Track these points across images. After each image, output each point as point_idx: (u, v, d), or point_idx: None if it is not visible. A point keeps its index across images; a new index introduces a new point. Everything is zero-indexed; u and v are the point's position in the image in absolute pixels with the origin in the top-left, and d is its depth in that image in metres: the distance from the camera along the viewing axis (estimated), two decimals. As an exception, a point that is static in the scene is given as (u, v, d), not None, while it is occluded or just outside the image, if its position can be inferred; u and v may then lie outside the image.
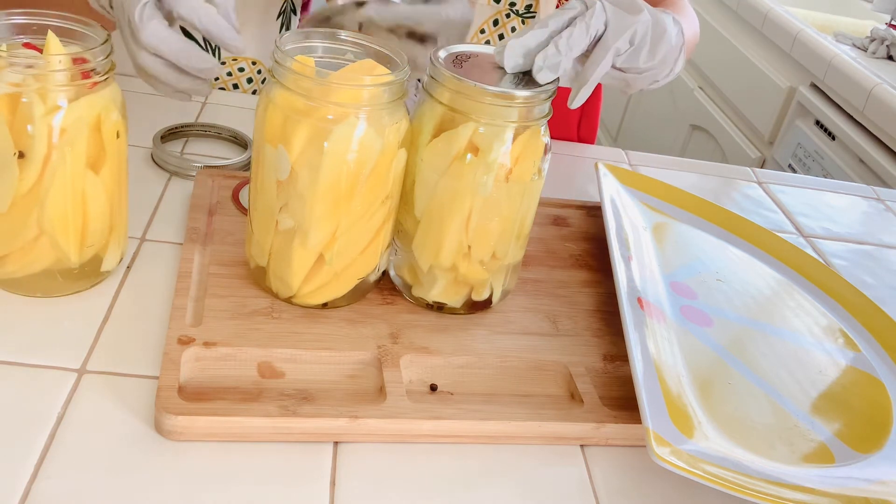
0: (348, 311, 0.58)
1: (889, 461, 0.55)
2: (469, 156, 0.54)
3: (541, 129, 0.56)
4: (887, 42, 1.70)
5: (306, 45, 0.56)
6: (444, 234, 0.57)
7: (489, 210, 0.56)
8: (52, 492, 0.44)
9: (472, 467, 0.50)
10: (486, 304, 0.61)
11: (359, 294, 0.59)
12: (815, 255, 0.83)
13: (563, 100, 0.63)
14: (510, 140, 0.54)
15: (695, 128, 2.09)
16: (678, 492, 0.51)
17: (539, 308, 0.63)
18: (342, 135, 0.51)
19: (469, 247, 0.57)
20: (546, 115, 0.56)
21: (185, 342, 0.52)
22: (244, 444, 0.48)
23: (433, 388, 0.54)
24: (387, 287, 0.62)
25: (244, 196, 0.68)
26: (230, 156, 0.78)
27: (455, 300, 0.60)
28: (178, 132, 0.79)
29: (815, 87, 1.70)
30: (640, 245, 0.69)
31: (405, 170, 0.56)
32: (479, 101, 0.53)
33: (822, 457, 0.54)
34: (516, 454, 0.52)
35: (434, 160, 0.55)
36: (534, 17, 0.90)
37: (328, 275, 0.56)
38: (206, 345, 0.52)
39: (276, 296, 0.58)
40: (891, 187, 1.40)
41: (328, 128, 0.51)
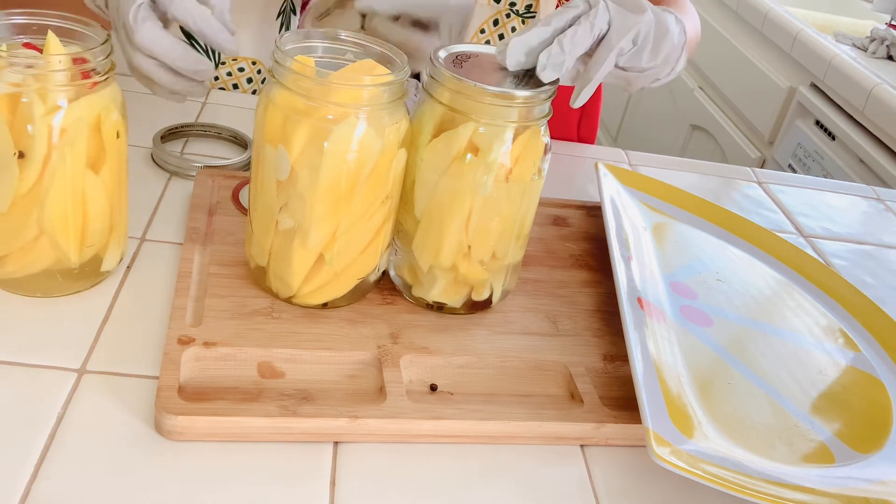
0: (348, 311, 0.58)
1: (889, 461, 0.55)
2: (469, 156, 0.54)
3: (541, 129, 0.56)
4: (887, 42, 1.70)
5: (306, 45, 0.56)
6: (444, 234, 0.57)
7: (489, 210, 0.56)
8: (52, 492, 0.44)
9: (472, 467, 0.50)
10: (486, 304, 0.61)
11: (359, 294, 0.59)
12: (815, 255, 0.83)
13: (563, 100, 0.63)
14: (510, 140, 0.54)
15: (695, 128, 2.09)
16: (678, 492, 0.51)
17: (539, 308, 0.63)
18: (342, 135, 0.51)
19: (469, 247, 0.57)
20: (546, 115, 0.56)
21: (185, 342, 0.52)
22: (244, 444, 0.48)
23: (433, 388, 0.54)
24: (387, 287, 0.62)
25: (244, 196, 0.68)
26: (230, 156, 0.78)
27: (455, 300, 0.60)
28: (178, 132, 0.79)
29: (815, 87, 1.70)
30: (640, 245, 0.69)
31: (405, 170, 0.56)
32: (479, 101, 0.53)
33: (822, 457, 0.54)
34: (516, 454, 0.52)
35: (434, 160, 0.55)
36: (534, 17, 0.90)
37: (328, 275, 0.56)
38: (206, 345, 0.52)
39: (276, 296, 0.58)
40: (891, 187, 1.40)
41: (328, 128, 0.51)
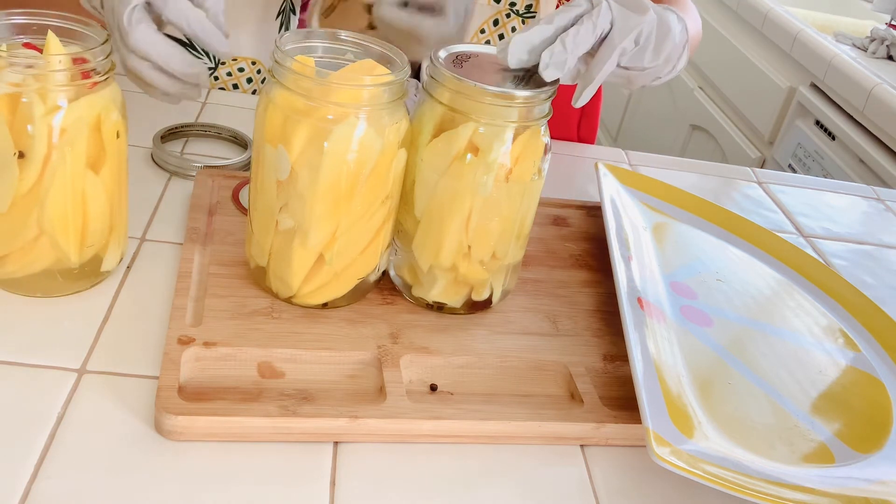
0: (348, 311, 0.58)
1: (889, 461, 0.55)
2: (469, 156, 0.54)
3: (541, 129, 0.56)
4: (887, 42, 1.70)
5: (306, 45, 0.56)
6: (444, 234, 0.57)
7: (489, 210, 0.56)
8: (52, 492, 0.44)
9: (472, 467, 0.50)
10: (486, 304, 0.61)
11: (359, 294, 0.59)
12: (815, 255, 0.83)
13: (563, 100, 0.63)
14: (510, 140, 0.54)
15: (695, 128, 2.09)
16: (678, 492, 0.51)
17: (539, 308, 0.63)
18: (342, 135, 0.51)
19: (469, 247, 0.57)
20: (546, 115, 0.56)
21: (185, 342, 0.52)
22: (244, 444, 0.48)
23: (433, 388, 0.54)
24: (387, 287, 0.62)
25: (244, 196, 0.68)
26: (230, 156, 0.78)
27: (455, 300, 0.60)
28: (178, 132, 0.79)
29: (815, 87, 1.70)
30: (640, 245, 0.69)
31: (405, 170, 0.56)
32: (479, 101, 0.53)
33: (822, 457, 0.54)
34: (516, 454, 0.52)
35: (434, 160, 0.55)
36: (534, 18, 0.90)
37: (328, 275, 0.56)
38: (206, 345, 0.52)
39: (276, 296, 0.58)
40: (891, 187, 1.40)
41: (328, 128, 0.51)
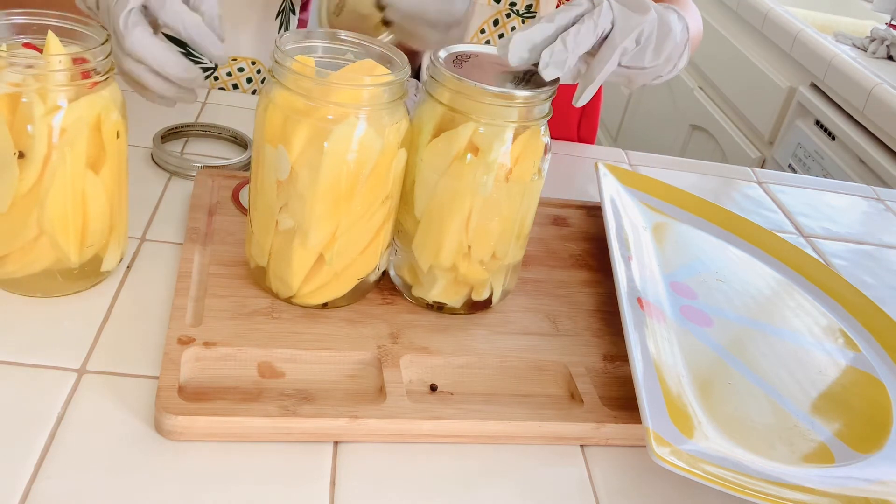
0: (348, 311, 0.58)
1: (889, 461, 0.55)
2: (469, 156, 0.54)
3: (541, 129, 0.56)
4: (887, 42, 1.70)
5: (306, 45, 0.56)
6: (444, 234, 0.57)
7: (489, 210, 0.56)
8: (52, 492, 0.44)
9: (472, 467, 0.50)
10: (486, 304, 0.61)
11: (359, 294, 0.59)
12: (815, 255, 0.83)
13: (563, 100, 0.63)
14: (510, 140, 0.54)
15: (695, 128, 2.09)
16: (678, 492, 0.51)
17: (539, 308, 0.63)
18: (342, 135, 0.51)
19: (469, 247, 0.57)
20: (546, 115, 0.56)
21: (185, 342, 0.52)
22: (244, 444, 0.48)
23: (433, 388, 0.54)
24: (387, 287, 0.62)
25: (244, 196, 0.68)
26: (230, 156, 0.78)
27: (455, 300, 0.60)
28: (178, 132, 0.79)
29: (815, 87, 1.70)
30: (640, 245, 0.69)
31: (405, 170, 0.56)
32: (479, 101, 0.53)
33: (822, 457, 0.54)
34: (516, 454, 0.52)
35: (434, 160, 0.55)
36: (534, 18, 0.90)
37: (328, 275, 0.56)
38: (206, 345, 0.52)
39: (276, 296, 0.58)
40: (891, 187, 1.40)
41: (328, 128, 0.51)
